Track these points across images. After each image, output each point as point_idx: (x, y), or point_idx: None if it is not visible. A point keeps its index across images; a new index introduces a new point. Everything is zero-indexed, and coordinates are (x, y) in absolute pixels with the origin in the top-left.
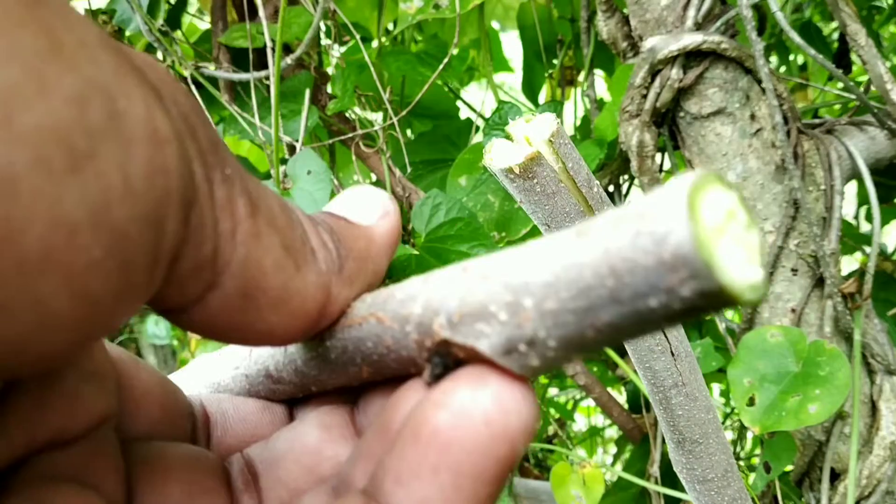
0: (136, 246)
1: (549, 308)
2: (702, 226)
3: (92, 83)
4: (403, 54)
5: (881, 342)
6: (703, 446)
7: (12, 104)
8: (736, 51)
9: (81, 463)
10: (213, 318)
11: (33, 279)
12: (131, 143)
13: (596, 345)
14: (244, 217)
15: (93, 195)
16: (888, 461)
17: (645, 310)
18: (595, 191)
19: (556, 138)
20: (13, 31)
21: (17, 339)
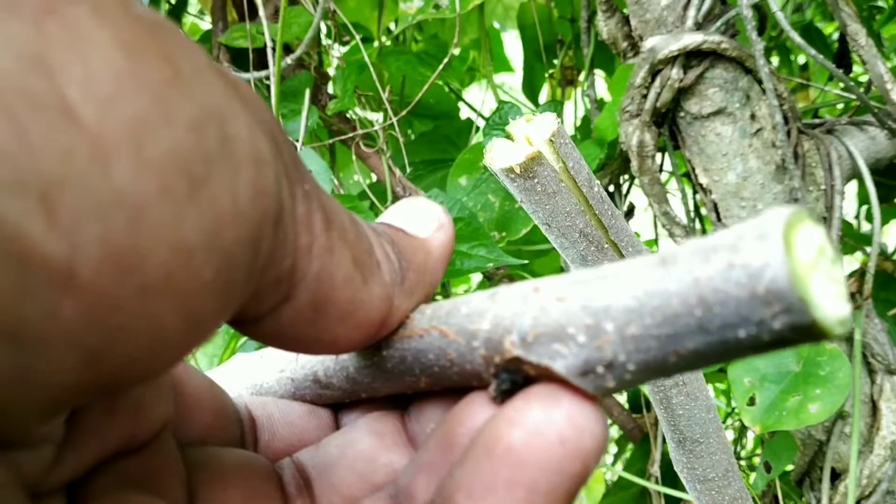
0: (238, 266)
1: (631, 333)
2: (797, 261)
3: (207, 109)
4: (403, 54)
5: (881, 342)
6: (704, 446)
7: (142, 133)
8: (736, 51)
9: (147, 469)
10: (282, 328)
11: (152, 302)
12: (239, 166)
13: (675, 370)
14: (320, 232)
15: (207, 219)
16: (889, 461)
17: (732, 340)
18: (595, 190)
19: (556, 138)
20: (139, 59)
21: (130, 359)
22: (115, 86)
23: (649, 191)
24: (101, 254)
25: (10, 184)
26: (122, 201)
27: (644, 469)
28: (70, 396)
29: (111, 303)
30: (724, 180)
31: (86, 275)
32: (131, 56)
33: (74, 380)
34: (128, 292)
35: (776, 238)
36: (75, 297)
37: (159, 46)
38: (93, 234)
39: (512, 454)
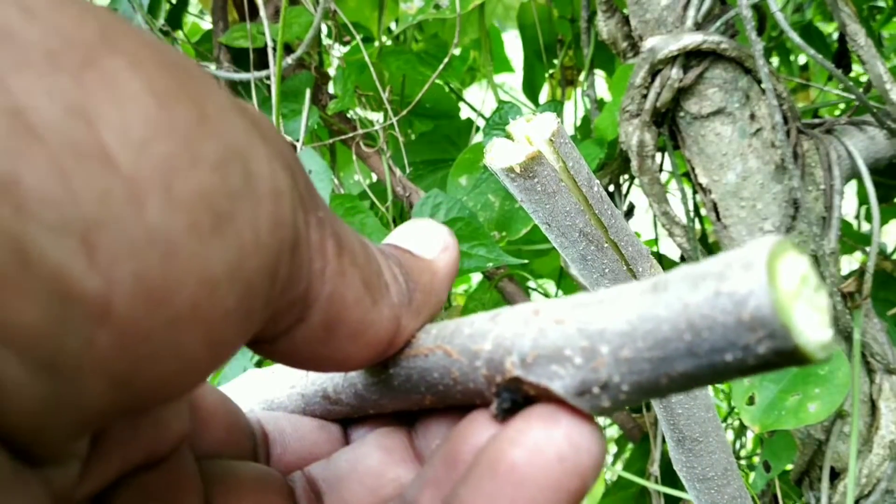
0: (258, 293)
1: (624, 356)
2: (780, 290)
3: (231, 148)
4: (404, 54)
5: (881, 341)
6: (703, 445)
7: (171, 174)
8: (736, 51)
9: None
10: (295, 348)
11: (179, 332)
12: (260, 200)
13: (667, 391)
14: (332, 257)
15: (231, 252)
16: (888, 460)
17: (720, 363)
18: (595, 190)
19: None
20: (170, 105)
21: (156, 384)
22: (147, 131)
23: (649, 190)
24: (135, 288)
25: (55, 227)
26: (154, 239)
27: (644, 468)
28: (99, 419)
29: (142, 334)
30: (724, 180)
31: (120, 308)
32: (162, 103)
33: (104, 404)
34: (158, 323)
35: (760, 267)
36: (110, 329)
37: (187, 91)
38: (128, 271)
39: (514, 473)
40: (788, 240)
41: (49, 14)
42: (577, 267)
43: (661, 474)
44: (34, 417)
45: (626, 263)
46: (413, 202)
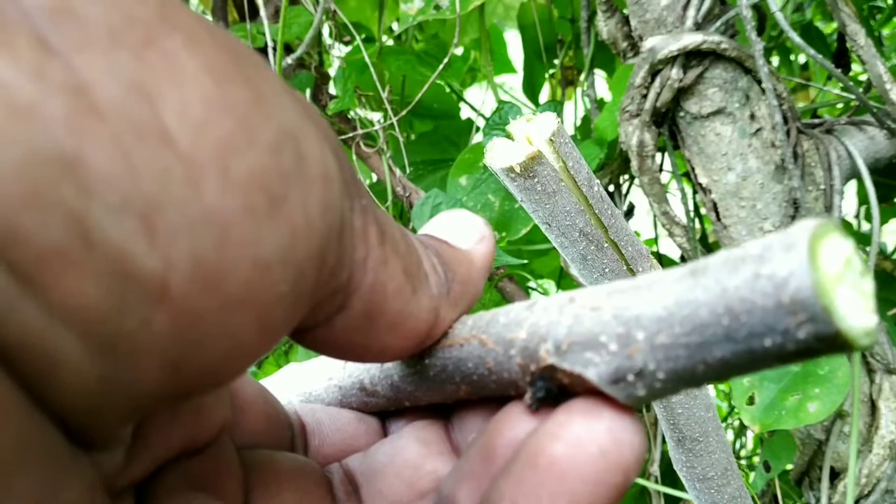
0: (308, 278)
1: (661, 342)
2: (822, 272)
3: (285, 130)
4: (404, 54)
5: (881, 341)
6: (703, 444)
7: (228, 154)
8: (735, 51)
9: (207, 470)
10: (335, 337)
11: (232, 315)
12: (311, 184)
13: (704, 379)
14: (375, 245)
15: (284, 236)
16: (887, 460)
17: (759, 349)
18: (595, 190)
19: (556, 137)
20: (226, 85)
21: (207, 367)
22: (205, 111)
23: (649, 190)
24: (192, 269)
25: (117, 207)
26: (210, 219)
27: (644, 468)
28: (150, 402)
29: (197, 315)
30: (724, 180)
31: (177, 289)
32: (219, 83)
33: (156, 387)
34: (212, 305)
35: (802, 248)
36: (166, 310)
37: (243, 72)
38: (185, 251)
39: (555, 467)
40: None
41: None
42: (577, 267)
43: (661, 474)
44: (90, 398)
45: (626, 263)
46: (413, 202)
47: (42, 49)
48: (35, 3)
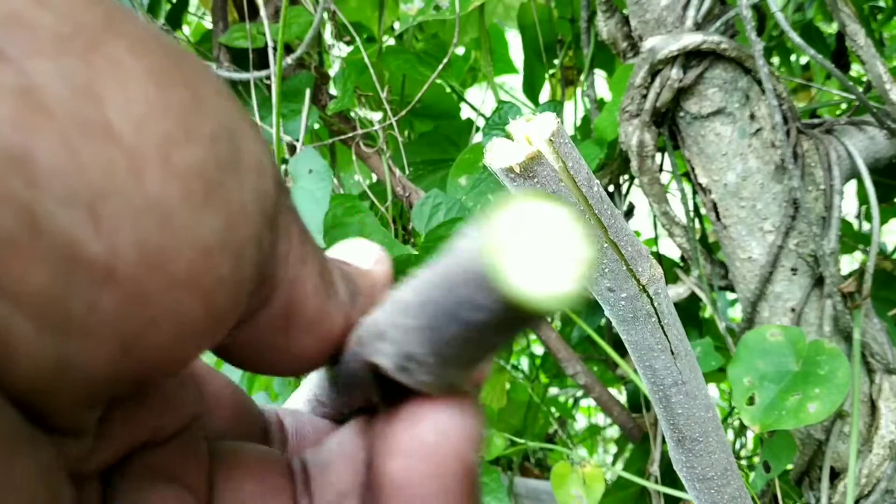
0: (247, 263)
1: (413, 326)
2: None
3: (221, 126)
4: (403, 54)
5: (880, 341)
6: (703, 445)
7: (169, 146)
8: (735, 51)
9: (173, 459)
10: (256, 337)
11: (178, 297)
12: (247, 174)
13: (467, 358)
14: (296, 242)
15: (222, 220)
16: (887, 460)
17: (476, 322)
18: (595, 190)
19: (556, 137)
20: (167, 86)
21: (159, 349)
22: (147, 109)
23: (649, 191)
24: (136, 254)
25: (64, 197)
26: (152, 207)
27: (643, 468)
28: (107, 385)
29: (144, 297)
30: (724, 180)
31: (123, 273)
32: (160, 84)
33: (111, 368)
34: (158, 287)
35: (487, 223)
36: (113, 292)
37: (183, 75)
38: (129, 237)
39: (396, 482)
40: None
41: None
42: None
43: (661, 474)
44: (45, 378)
45: (625, 263)
46: (413, 202)
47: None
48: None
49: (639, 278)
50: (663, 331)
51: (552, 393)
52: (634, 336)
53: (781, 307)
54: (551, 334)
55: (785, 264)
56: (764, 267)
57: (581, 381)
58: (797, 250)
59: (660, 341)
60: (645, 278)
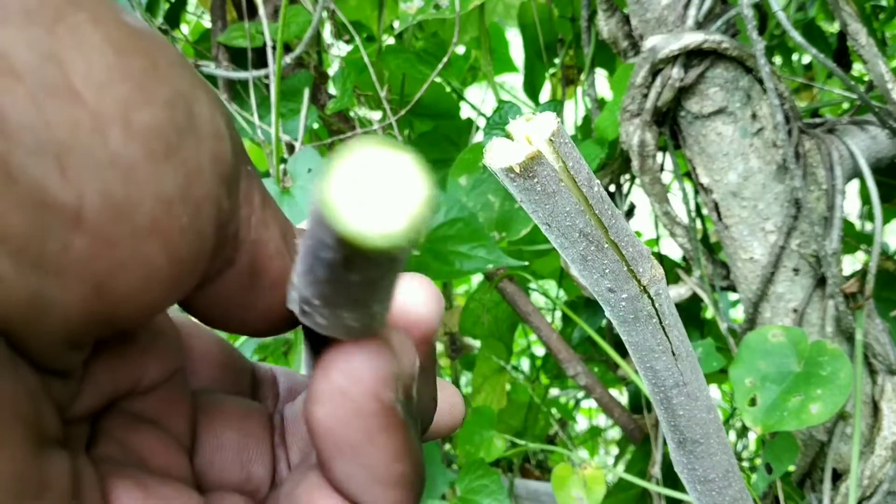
0: (206, 217)
1: (301, 270)
2: (337, 182)
3: (178, 93)
4: (403, 53)
5: (883, 342)
6: (705, 446)
7: (128, 110)
8: (737, 50)
9: (157, 408)
10: (223, 294)
11: (142, 243)
12: (203, 138)
13: (348, 298)
14: (258, 207)
15: (181, 177)
16: (890, 461)
17: (328, 260)
18: (596, 190)
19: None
20: (126, 55)
21: (129, 293)
22: (108, 74)
23: (650, 190)
24: (102, 202)
25: (33, 149)
26: (116, 162)
27: (645, 470)
28: (83, 325)
29: (111, 241)
30: (725, 180)
31: (91, 218)
32: (119, 52)
33: (85, 307)
34: (124, 233)
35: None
36: (83, 235)
37: (141, 45)
38: (95, 187)
39: (321, 429)
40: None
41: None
42: (577, 267)
43: (662, 476)
44: (23, 312)
45: (626, 264)
46: None
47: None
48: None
49: (640, 279)
50: (664, 332)
51: (553, 394)
52: (635, 337)
53: (783, 308)
54: (552, 335)
55: (787, 265)
56: (766, 267)
57: (582, 382)
58: (799, 250)
59: (661, 342)
60: (646, 279)
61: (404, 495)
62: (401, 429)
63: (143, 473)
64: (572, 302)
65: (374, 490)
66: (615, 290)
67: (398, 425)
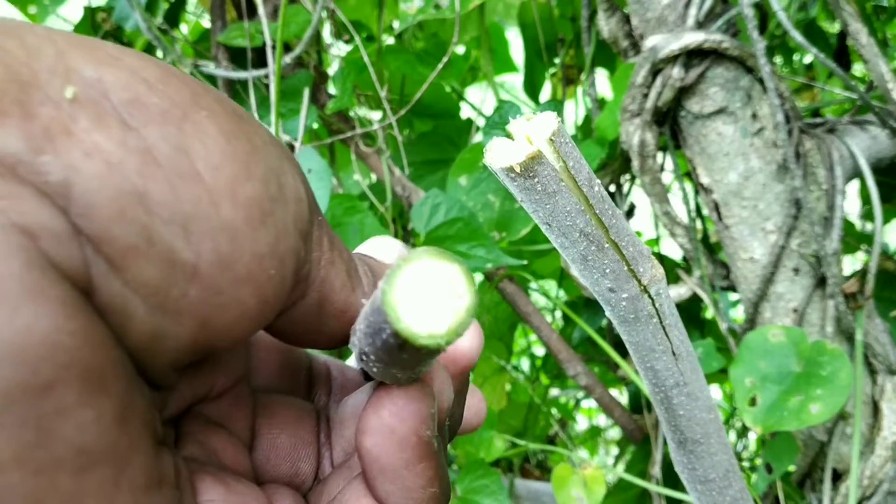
0: (288, 267)
1: (362, 329)
2: (396, 287)
3: (270, 168)
4: (403, 53)
5: (883, 342)
6: (705, 446)
7: (235, 186)
8: (737, 50)
9: (225, 412)
10: (296, 321)
11: (240, 290)
12: (288, 203)
13: (398, 363)
14: (326, 249)
15: (271, 237)
16: (890, 461)
17: (384, 340)
18: (596, 190)
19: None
20: (233, 143)
21: (226, 327)
22: (220, 158)
23: (650, 190)
24: (213, 258)
25: (167, 219)
26: (224, 227)
27: (645, 470)
28: (188, 352)
29: (217, 289)
30: (726, 180)
31: (204, 271)
32: (229, 140)
33: (192, 340)
34: (227, 282)
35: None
36: (197, 284)
37: (243, 131)
38: (209, 247)
39: (371, 455)
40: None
41: (161, 86)
42: (577, 267)
43: (662, 476)
44: (148, 344)
45: (626, 264)
46: (412, 202)
47: (124, 127)
48: (118, 98)
49: (640, 278)
50: (665, 331)
51: (553, 394)
52: (635, 337)
53: (783, 308)
54: (552, 335)
55: (787, 265)
56: (766, 267)
57: (582, 382)
58: (799, 250)
59: (661, 342)
60: (646, 279)
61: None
62: (435, 458)
63: (221, 471)
64: (572, 302)
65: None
66: (616, 289)
67: (433, 455)
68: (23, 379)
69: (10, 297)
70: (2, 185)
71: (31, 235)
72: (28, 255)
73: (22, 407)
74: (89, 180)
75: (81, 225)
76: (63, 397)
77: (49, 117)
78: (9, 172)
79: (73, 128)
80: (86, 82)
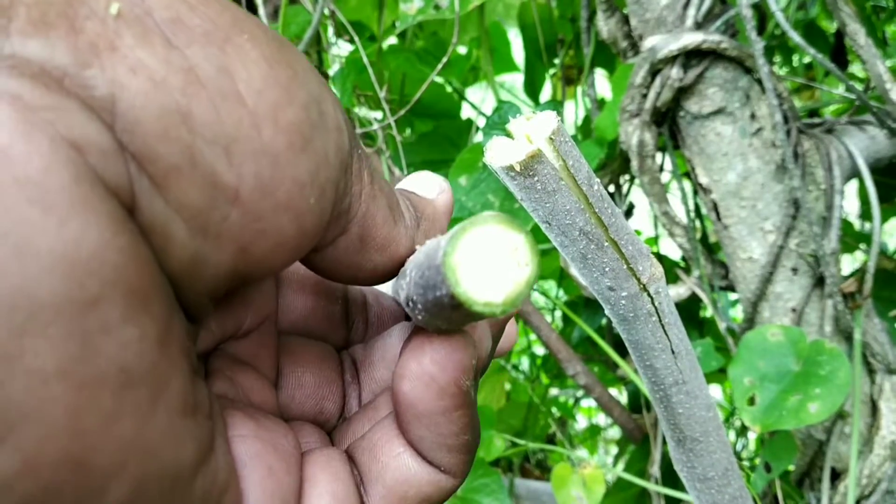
0: (328, 197)
1: (414, 278)
2: (459, 250)
3: (312, 94)
4: (403, 53)
5: (881, 341)
6: (704, 444)
7: (277, 110)
8: (736, 50)
9: (252, 350)
10: (337, 256)
11: (279, 217)
12: (328, 131)
13: (446, 317)
14: (367, 183)
15: (312, 164)
16: (888, 460)
17: (439, 297)
18: (595, 188)
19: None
20: (275, 66)
21: (265, 256)
22: (262, 83)
23: (649, 190)
24: (254, 183)
25: (210, 139)
26: (266, 151)
27: (644, 469)
28: (226, 279)
29: (257, 215)
30: (724, 180)
31: (245, 195)
32: (270, 64)
33: (230, 265)
34: (267, 208)
35: (458, 230)
36: (238, 209)
37: (285, 57)
38: (250, 171)
39: (406, 401)
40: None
41: (202, 7)
42: (577, 266)
43: (661, 475)
44: (187, 267)
45: (626, 262)
46: None
47: (168, 45)
48: (161, 16)
49: (639, 277)
50: (664, 330)
51: (553, 393)
52: (635, 335)
53: (782, 307)
54: (552, 335)
55: (786, 264)
56: (765, 267)
57: (581, 381)
58: (798, 250)
59: (660, 340)
60: (645, 277)
61: (466, 458)
62: (471, 408)
63: (250, 408)
64: (572, 301)
65: (442, 451)
66: (615, 288)
67: (469, 405)
68: (70, 292)
69: (59, 210)
70: (50, 97)
71: (79, 149)
72: (76, 168)
73: (68, 320)
74: (134, 96)
75: (126, 141)
76: (108, 313)
77: (94, 32)
78: (56, 84)
79: (118, 43)
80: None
